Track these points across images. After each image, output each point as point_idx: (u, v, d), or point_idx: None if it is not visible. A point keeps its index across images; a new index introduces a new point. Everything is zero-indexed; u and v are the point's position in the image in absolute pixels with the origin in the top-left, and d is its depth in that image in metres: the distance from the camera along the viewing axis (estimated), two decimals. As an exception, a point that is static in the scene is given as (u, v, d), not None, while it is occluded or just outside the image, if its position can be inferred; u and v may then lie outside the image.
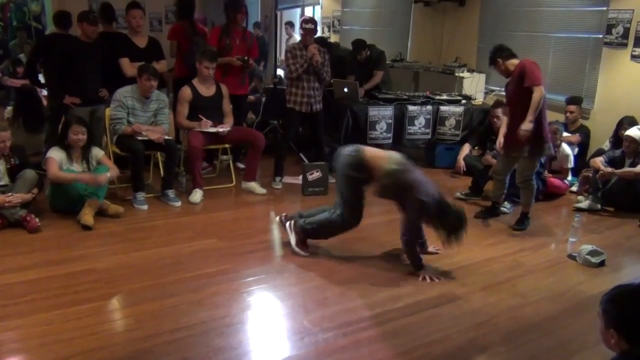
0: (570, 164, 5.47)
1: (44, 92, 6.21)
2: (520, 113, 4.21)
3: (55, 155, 4.30)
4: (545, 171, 5.31)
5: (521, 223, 4.51)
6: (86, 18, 4.88)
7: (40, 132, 5.59)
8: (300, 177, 5.43)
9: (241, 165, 5.76)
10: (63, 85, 4.95)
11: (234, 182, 5.39)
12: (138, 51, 5.24)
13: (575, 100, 5.94)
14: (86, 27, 4.87)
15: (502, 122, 4.74)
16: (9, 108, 6.19)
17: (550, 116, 5.77)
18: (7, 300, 3.05)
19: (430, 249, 3.94)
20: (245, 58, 5.42)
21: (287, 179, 5.56)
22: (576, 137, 5.76)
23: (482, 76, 7.31)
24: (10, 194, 4.01)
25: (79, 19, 4.91)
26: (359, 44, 6.75)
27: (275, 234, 4.44)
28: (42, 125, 5.60)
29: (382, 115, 6.16)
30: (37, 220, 4.03)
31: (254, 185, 5.20)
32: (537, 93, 4.12)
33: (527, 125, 4.14)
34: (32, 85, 6.14)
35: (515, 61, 4.32)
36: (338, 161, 3.72)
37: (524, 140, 4.19)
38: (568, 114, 5.88)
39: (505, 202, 4.95)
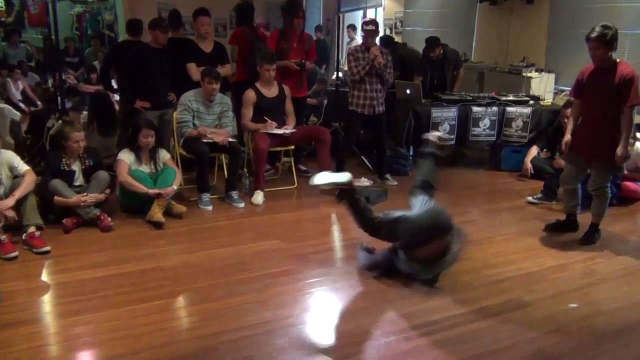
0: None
1: (116, 97, 6.49)
2: (599, 118, 3.93)
3: (126, 157, 4.48)
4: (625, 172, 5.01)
5: (590, 236, 4.14)
6: (159, 26, 5.05)
7: (113, 136, 5.84)
8: (362, 179, 5.41)
9: (303, 167, 5.80)
10: (134, 90, 5.14)
11: (295, 184, 5.42)
12: (204, 56, 5.37)
13: (653, 100, 5.62)
14: (158, 34, 5.04)
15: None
16: (84, 113, 6.50)
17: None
18: (81, 296, 3.20)
19: None
20: (302, 61, 5.46)
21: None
22: (655, 139, 5.44)
23: (552, 76, 7.06)
24: (85, 194, 4.20)
25: (151, 27, 5.08)
26: (433, 42, 6.58)
27: (337, 235, 4.45)
28: (114, 129, 5.85)
29: (445, 116, 6.05)
30: (109, 219, 4.21)
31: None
32: (633, 114, 3.81)
33: (623, 151, 3.82)
34: (105, 91, 6.42)
35: (615, 57, 3.86)
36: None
37: (618, 163, 3.91)
38: (646, 115, 5.57)
39: None
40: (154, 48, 5.10)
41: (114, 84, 6.22)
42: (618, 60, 3.88)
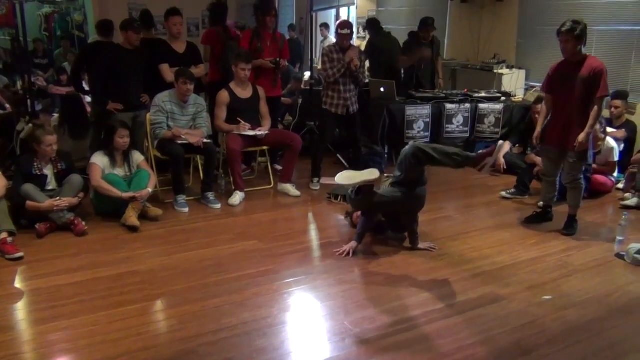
0: (616, 157, 5.29)
1: (88, 99, 6.39)
2: (570, 111, 4.05)
3: (99, 161, 4.42)
4: (593, 165, 5.14)
5: (569, 227, 4.29)
6: (131, 27, 4.99)
7: (85, 138, 5.74)
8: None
9: (279, 167, 5.79)
10: (106, 92, 5.08)
11: (272, 184, 5.42)
12: (177, 56, 5.32)
13: (620, 95, 5.75)
14: (131, 35, 4.98)
15: (541, 113, 4.43)
16: (55, 116, 6.38)
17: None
18: (56, 302, 3.15)
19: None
20: (277, 60, 5.45)
21: (325, 180, 5.55)
22: (622, 133, 5.58)
23: (522, 72, 7.18)
24: (58, 198, 4.14)
25: (123, 28, 5.01)
26: (429, 23, 6.67)
27: (314, 235, 4.46)
28: (87, 132, 5.76)
29: (419, 114, 6.10)
30: (83, 223, 4.15)
31: (288, 187, 5.22)
32: (602, 105, 3.97)
33: (586, 138, 3.97)
34: (76, 93, 6.32)
35: (584, 51, 4.03)
36: None
37: (578, 149, 4.03)
38: (613, 109, 5.71)
39: None
40: (126, 49, 5.04)
41: (86, 86, 6.13)
42: (587, 54, 4.03)
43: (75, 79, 6.02)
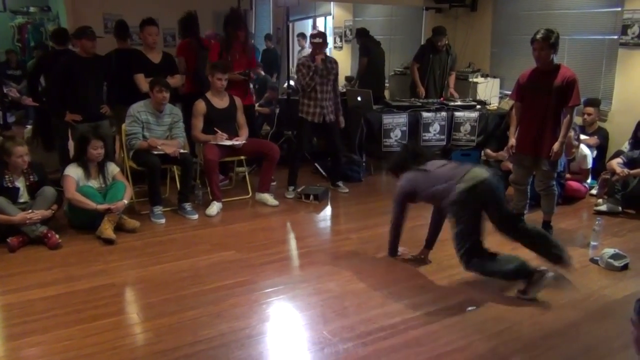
0: (589, 164, 5.39)
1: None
2: (542, 118, 4.09)
3: (73, 173, 4.35)
4: (567, 174, 5.23)
5: None
6: (84, 34, 4.85)
7: (58, 150, 5.65)
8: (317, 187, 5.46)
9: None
10: (63, 101, 4.96)
11: (250, 194, 5.40)
12: (153, 67, 5.27)
13: (592, 102, 5.87)
14: (85, 42, 4.86)
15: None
16: (28, 127, 6.28)
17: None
18: (29, 317, 3.08)
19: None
20: (248, 72, 5.47)
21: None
22: (594, 140, 5.69)
23: (497, 81, 7.29)
24: (30, 210, 4.06)
25: (76, 36, 4.92)
26: (440, 31, 6.90)
27: (293, 244, 4.45)
28: (58, 143, 5.66)
29: (396, 122, 6.15)
30: (57, 236, 4.08)
31: (266, 197, 5.20)
32: (574, 113, 4.03)
33: (560, 147, 4.03)
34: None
35: (556, 60, 4.08)
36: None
37: (553, 158, 4.09)
38: (585, 116, 5.82)
39: None
40: (83, 57, 4.92)
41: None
42: (560, 63, 4.09)
43: (33, 88, 5.87)
